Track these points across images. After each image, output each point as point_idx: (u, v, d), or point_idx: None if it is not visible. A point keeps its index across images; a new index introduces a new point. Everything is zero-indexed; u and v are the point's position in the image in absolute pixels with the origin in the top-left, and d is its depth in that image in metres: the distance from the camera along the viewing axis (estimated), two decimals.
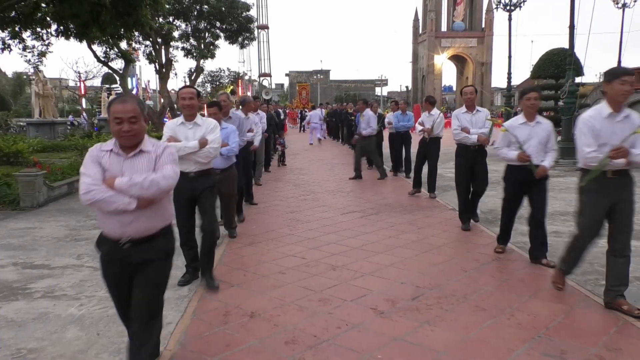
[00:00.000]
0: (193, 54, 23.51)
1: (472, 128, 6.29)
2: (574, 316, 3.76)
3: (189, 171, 4.32)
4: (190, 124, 4.47)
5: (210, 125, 4.48)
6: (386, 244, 5.82)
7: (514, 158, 4.95)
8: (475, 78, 69.11)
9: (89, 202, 2.50)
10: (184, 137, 4.40)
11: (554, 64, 18.81)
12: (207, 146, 4.35)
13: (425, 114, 9.02)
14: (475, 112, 6.44)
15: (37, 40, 13.07)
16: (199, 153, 4.33)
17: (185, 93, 4.47)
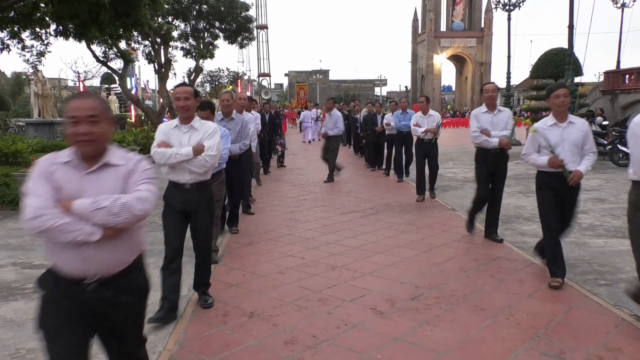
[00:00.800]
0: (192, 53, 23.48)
1: (493, 130, 5.67)
2: (573, 316, 3.76)
3: (183, 182, 3.82)
4: (186, 127, 3.87)
5: (208, 130, 3.88)
6: (385, 244, 5.82)
7: (545, 164, 4.36)
8: (474, 78, 69.14)
9: (37, 231, 1.97)
10: (178, 142, 3.82)
11: (553, 63, 18.81)
12: (202, 154, 3.75)
13: (419, 115, 8.51)
14: (497, 112, 5.77)
15: (36, 40, 13.06)
16: (192, 162, 3.74)
17: (180, 92, 3.84)
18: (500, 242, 5.77)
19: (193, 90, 3.92)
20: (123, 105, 34.06)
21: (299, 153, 18.10)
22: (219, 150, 3.89)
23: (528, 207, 7.86)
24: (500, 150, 5.69)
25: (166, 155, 3.71)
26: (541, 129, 4.44)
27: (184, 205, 3.85)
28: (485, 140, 5.68)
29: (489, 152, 5.72)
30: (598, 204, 8.04)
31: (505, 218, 7.09)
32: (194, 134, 3.85)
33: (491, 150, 5.69)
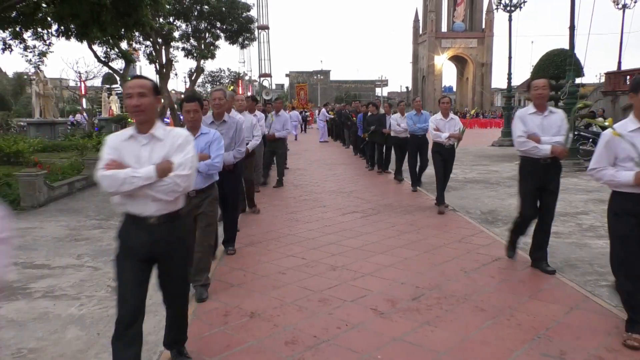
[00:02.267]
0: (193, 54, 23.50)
1: (543, 135, 4.66)
2: (573, 317, 3.76)
3: (147, 215, 2.72)
4: (145, 137, 2.73)
5: (177, 140, 2.76)
6: (386, 244, 5.82)
7: (630, 181, 3.27)
8: (475, 79, 69.21)
9: None
10: (135, 159, 2.69)
11: (554, 64, 18.82)
12: (170, 174, 2.67)
13: (439, 118, 7.65)
14: (548, 114, 4.73)
15: (38, 41, 13.08)
16: (156, 186, 2.65)
17: (132, 87, 2.71)
18: (552, 273, 4.70)
19: (152, 85, 2.76)
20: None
21: (299, 153, 18.12)
22: (193, 168, 2.79)
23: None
24: (552, 160, 4.69)
25: (118, 180, 2.59)
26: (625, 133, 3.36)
27: (149, 248, 2.75)
28: (533, 148, 4.65)
29: (538, 163, 4.70)
30: (599, 204, 8.04)
31: (506, 219, 7.10)
32: (157, 146, 2.73)
33: (540, 160, 4.67)
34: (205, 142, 4.09)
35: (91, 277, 4.82)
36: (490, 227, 6.62)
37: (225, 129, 5.10)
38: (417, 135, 9.40)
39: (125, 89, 2.75)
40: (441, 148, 7.57)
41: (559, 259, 5.22)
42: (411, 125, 9.39)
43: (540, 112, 4.75)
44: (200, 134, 4.09)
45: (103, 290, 4.51)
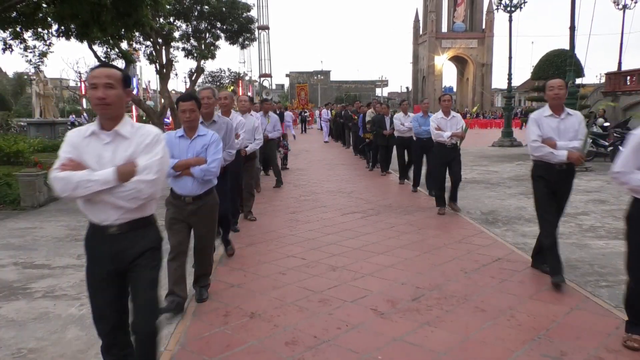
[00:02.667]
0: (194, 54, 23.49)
1: (560, 139, 4.35)
2: (573, 317, 3.76)
3: (106, 224, 2.40)
4: (108, 134, 2.39)
5: (145, 139, 2.41)
6: (386, 244, 5.82)
7: None
8: (475, 79, 69.22)
9: None
10: (95, 159, 2.37)
11: (555, 65, 18.86)
12: (134, 178, 2.34)
13: (440, 117, 7.41)
14: (565, 116, 4.41)
15: (38, 41, 13.06)
16: (117, 191, 2.32)
17: (97, 76, 2.34)
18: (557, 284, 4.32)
19: (121, 75, 2.40)
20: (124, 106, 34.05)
21: (300, 154, 18.12)
22: (162, 172, 2.45)
23: (529, 208, 7.86)
24: (567, 165, 4.41)
25: (71, 183, 2.27)
26: None
27: (110, 260, 2.44)
28: (549, 153, 4.35)
29: (552, 168, 4.40)
30: (599, 205, 8.04)
31: (507, 219, 7.10)
32: (122, 145, 2.39)
33: (556, 165, 4.38)
34: (202, 144, 3.86)
35: None
36: (491, 227, 6.62)
37: (215, 129, 4.61)
38: (423, 138, 9.00)
39: (89, 79, 2.34)
40: (443, 148, 7.34)
41: None
42: (416, 127, 9.05)
43: (556, 114, 4.43)
44: (197, 135, 3.87)
45: None
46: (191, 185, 3.84)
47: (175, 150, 3.81)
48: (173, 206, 3.96)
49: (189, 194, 3.86)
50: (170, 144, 3.71)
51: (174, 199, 3.94)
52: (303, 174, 12.75)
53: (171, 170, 3.73)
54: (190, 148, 3.85)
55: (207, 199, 3.97)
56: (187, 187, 3.84)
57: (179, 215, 3.93)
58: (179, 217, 3.94)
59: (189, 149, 3.85)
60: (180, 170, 3.79)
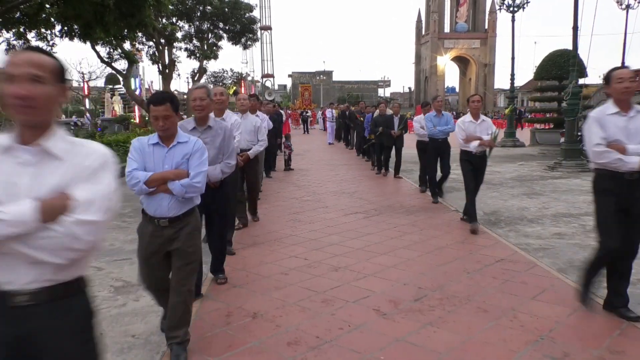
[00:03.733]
0: (196, 54, 23.58)
1: (629, 141, 3.57)
2: (577, 318, 3.75)
3: (14, 289, 1.52)
4: (29, 150, 1.55)
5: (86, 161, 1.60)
6: (389, 245, 5.81)
7: None
8: (478, 79, 69.13)
9: None
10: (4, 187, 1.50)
11: (557, 65, 18.77)
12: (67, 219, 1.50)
13: (467, 120, 6.44)
14: (634, 114, 3.60)
15: (42, 41, 13.12)
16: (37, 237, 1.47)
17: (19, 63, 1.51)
18: (636, 320, 3.65)
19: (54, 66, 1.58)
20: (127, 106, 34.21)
21: (302, 154, 18.12)
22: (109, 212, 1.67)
23: (532, 208, 7.85)
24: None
25: None
26: None
27: (12, 346, 1.55)
28: (617, 160, 3.54)
29: (622, 178, 3.59)
30: None
31: (509, 220, 7.09)
32: (50, 167, 1.56)
33: (625, 174, 3.57)
34: (182, 154, 3.12)
35: (94, 277, 4.83)
36: (493, 228, 6.60)
37: (211, 136, 4.10)
38: (438, 139, 8.33)
39: (7, 67, 1.53)
40: (470, 156, 6.39)
41: (562, 260, 5.21)
42: (430, 127, 8.32)
43: (624, 112, 3.61)
44: (177, 143, 3.13)
45: (106, 290, 4.52)
46: (168, 205, 3.07)
47: (149, 161, 3.09)
48: (146, 233, 3.15)
49: (165, 215, 3.08)
50: (142, 152, 3.10)
51: (147, 223, 3.15)
52: (305, 174, 12.74)
53: (144, 187, 3.01)
54: (168, 158, 3.11)
55: (188, 221, 3.18)
56: (162, 207, 3.07)
57: (154, 243, 3.13)
58: (154, 247, 3.13)
59: (165, 159, 3.10)
60: (155, 186, 3.04)
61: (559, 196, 8.87)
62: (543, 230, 6.51)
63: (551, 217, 7.20)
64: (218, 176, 4.21)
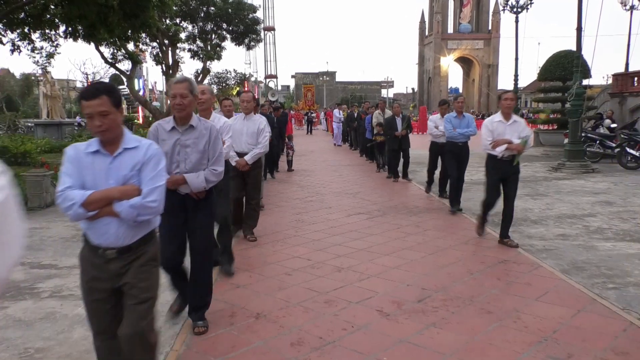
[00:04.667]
0: (200, 55, 23.60)
1: None
2: (580, 319, 3.74)
3: None
4: None
5: None
6: (392, 245, 5.81)
7: None
8: (481, 80, 69.01)
9: None
10: None
11: (561, 66, 18.74)
12: None
13: (497, 120, 5.72)
14: None
15: (46, 42, 13.16)
16: None
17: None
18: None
19: None
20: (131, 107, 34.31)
21: (305, 155, 18.13)
22: None
23: (535, 209, 7.83)
24: None
25: None
26: None
27: None
28: None
29: None
30: (606, 207, 7.99)
31: (513, 220, 7.06)
32: None
33: None
34: (131, 164, 2.44)
35: None
36: (496, 228, 6.57)
37: (193, 138, 3.46)
38: (457, 143, 7.57)
39: None
40: (498, 163, 5.63)
41: (565, 261, 5.19)
42: (450, 129, 7.51)
43: None
44: (123, 149, 2.43)
45: None
46: (116, 231, 2.41)
47: (88, 174, 2.39)
48: (90, 264, 2.49)
49: (112, 244, 2.43)
50: (79, 164, 2.39)
51: (90, 253, 2.49)
52: (309, 174, 12.75)
53: (80, 210, 2.32)
54: (113, 170, 2.41)
55: (142, 250, 2.52)
56: (108, 234, 2.41)
57: (99, 278, 2.47)
58: (100, 284, 2.47)
59: (109, 171, 2.41)
60: (97, 209, 2.36)
61: (562, 197, 8.85)
62: (546, 231, 6.49)
63: (555, 218, 7.18)
64: (201, 186, 3.46)
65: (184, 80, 3.46)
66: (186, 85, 3.39)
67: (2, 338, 3.55)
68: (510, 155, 5.55)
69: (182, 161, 3.43)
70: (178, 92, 3.35)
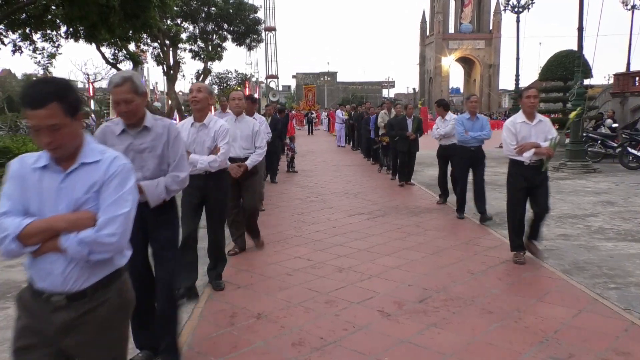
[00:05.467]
0: (201, 55, 23.63)
1: None
2: (581, 319, 3.73)
3: None
4: None
5: None
6: (393, 246, 5.81)
7: None
8: (482, 80, 69.00)
9: None
10: None
11: (562, 66, 18.71)
12: None
13: (520, 121, 5.02)
14: None
15: (47, 42, 13.19)
16: None
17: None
18: None
19: None
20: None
21: (305, 155, 18.13)
22: None
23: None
24: None
25: None
26: None
27: None
28: None
29: None
30: (608, 207, 7.98)
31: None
32: None
33: None
34: (88, 184, 1.86)
35: None
36: (497, 229, 6.58)
37: (149, 141, 2.91)
38: (469, 148, 6.88)
39: None
40: (523, 169, 4.97)
41: (567, 262, 5.19)
42: (461, 132, 6.83)
43: None
44: (80, 164, 1.87)
45: None
46: (63, 272, 1.85)
47: (33, 196, 1.85)
48: (28, 313, 1.95)
49: (60, 289, 1.86)
50: (22, 181, 1.86)
51: (32, 299, 1.96)
52: (309, 175, 12.75)
53: (13, 246, 1.84)
54: (64, 191, 1.84)
55: (102, 298, 1.91)
56: (54, 276, 1.86)
57: (38, 331, 1.88)
58: (38, 339, 1.87)
59: (60, 192, 1.84)
60: (38, 243, 1.85)
61: (564, 197, 8.83)
62: (548, 231, 6.48)
63: (556, 218, 7.17)
64: (161, 196, 2.93)
65: (123, 81, 2.78)
66: (128, 88, 2.77)
67: (3, 339, 3.55)
68: (537, 160, 4.93)
69: (138, 169, 2.73)
70: (120, 98, 2.77)
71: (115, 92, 2.78)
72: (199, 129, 4.19)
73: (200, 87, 4.18)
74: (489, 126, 7.16)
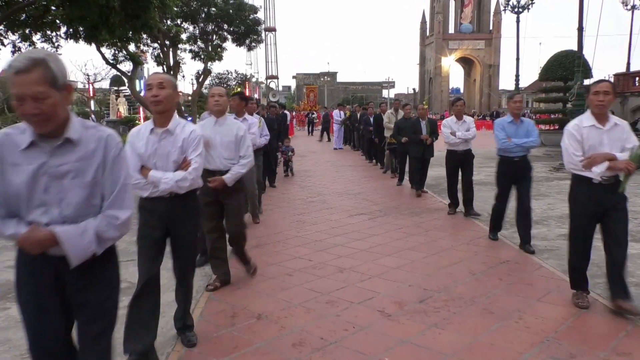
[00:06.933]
0: (201, 56, 23.63)
1: None
2: (583, 320, 3.73)
3: None
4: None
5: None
6: (393, 246, 5.80)
7: None
8: (482, 80, 69.04)
9: None
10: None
11: (563, 66, 18.72)
12: None
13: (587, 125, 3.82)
14: None
15: (47, 43, 13.17)
16: None
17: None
18: None
19: None
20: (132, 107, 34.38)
21: (306, 155, 18.13)
22: None
23: (537, 210, 7.81)
24: None
25: None
26: None
27: None
28: None
29: None
30: None
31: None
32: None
33: None
34: None
35: None
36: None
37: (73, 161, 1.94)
38: (513, 159, 5.74)
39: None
40: (590, 188, 3.82)
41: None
42: (503, 139, 5.71)
43: None
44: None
45: None
46: None
47: None
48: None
49: None
50: None
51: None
52: (310, 175, 12.74)
53: None
54: None
55: None
56: None
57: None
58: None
59: None
60: None
61: (564, 197, 8.80)
62: (548, 231, 6.49)
63: (557, 218, 7.17)
64: (88, 249, 1.97)
65: (31, 65, 1.76)
66: (38, 76, 1.77)
67: (4, 339, 3.55)
68: (611, 176, 3.75)
69: (52, 204, 1.92)
70: (27, 92, 1.76)
71: (18, 83, 1.76)
72: (161, 137, 3.13)
73: (162, 81, 3.11)
74: (537, 131, 6.06)
